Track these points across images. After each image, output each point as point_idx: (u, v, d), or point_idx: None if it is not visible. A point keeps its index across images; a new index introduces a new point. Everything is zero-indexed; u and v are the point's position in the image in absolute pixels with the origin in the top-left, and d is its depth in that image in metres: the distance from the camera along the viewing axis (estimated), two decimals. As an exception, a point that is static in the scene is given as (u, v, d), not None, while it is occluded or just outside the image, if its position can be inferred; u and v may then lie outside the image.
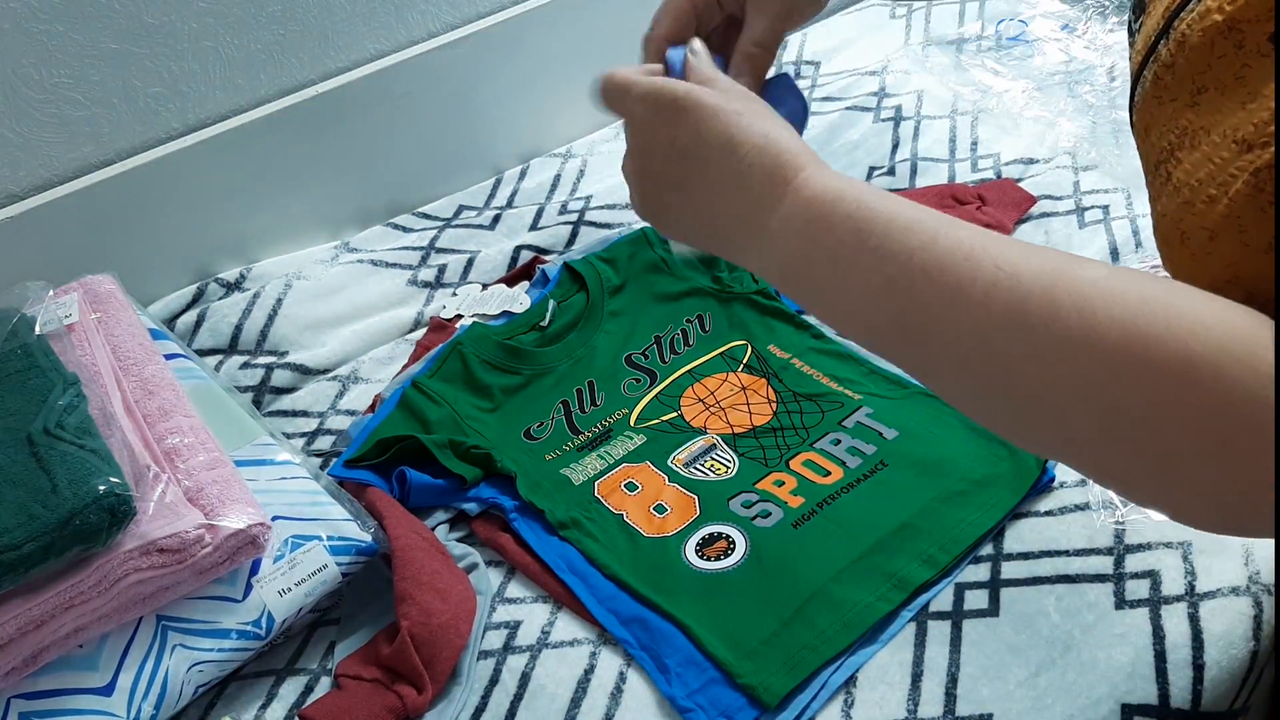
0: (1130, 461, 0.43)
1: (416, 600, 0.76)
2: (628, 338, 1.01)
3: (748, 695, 0.71)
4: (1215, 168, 0.44)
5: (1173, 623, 0.73)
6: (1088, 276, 0.43)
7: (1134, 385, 0.41)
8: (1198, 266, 0.45)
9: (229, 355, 1.05)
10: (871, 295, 0.48)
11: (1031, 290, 0.44)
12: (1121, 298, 0.42)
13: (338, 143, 1.15)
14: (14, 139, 1.00)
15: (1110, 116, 1.21)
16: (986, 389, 0.47)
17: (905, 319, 0.47)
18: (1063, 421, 0.44)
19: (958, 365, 0.47)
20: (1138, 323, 0.41)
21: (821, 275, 0.50)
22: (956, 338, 0.46)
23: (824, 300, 0.52)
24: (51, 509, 0.68)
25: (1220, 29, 0.44)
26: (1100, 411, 0.42)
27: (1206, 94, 0.45)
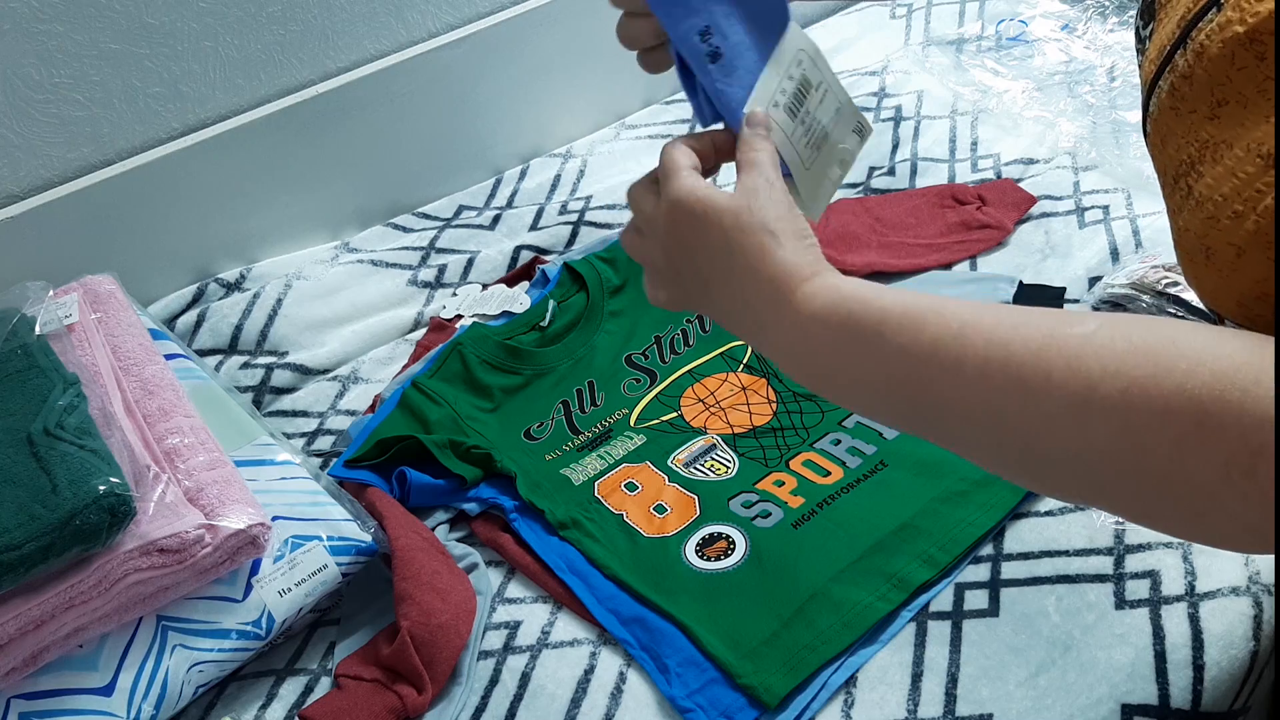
0: (1162, 506, 0.44)
1: (416, 600, 0.76)
2: (628, 338, 1.01)
3: (748, 695, 0.71)
4: (1240, 183, 0.43)
5: (1173, 623, 0.73)
6: (1076, 334, 0.44)
7: (1146, 434, 0.42)
8: (1225, 284, 0.45)
9: (229, 355, 1.05)
10: (879, 393, 0.51)
11: (1024, 358, 0.45)
12: (1110, 348, 0.43)
13: (338, 143, 1.15)
14: (14, 139, 1.00)
15: (1110, 117, 1.21)
16: (1009, 458, 0.48)
17: (915, 408, 0.50)
18: (1090, 479, 0.45)
19: (976, 442, 0.49)
20: (1131, 372, 0.42)
21: (832, 383, 0.54)
22: (967, 415, 0.48)
23: (843, 399, 0.55)
24: (51, 509, 0.68)
25: (1241, 40, 0.43)
26: (1123, 465, 0.43)
27: (1227, 106, 0.44)
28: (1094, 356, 0.43)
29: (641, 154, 1.27)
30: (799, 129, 0.62)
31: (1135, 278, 0.95)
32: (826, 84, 0.63)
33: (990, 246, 1.07)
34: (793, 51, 0.62)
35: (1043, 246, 1.06)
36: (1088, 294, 0.99)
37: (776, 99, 0.61)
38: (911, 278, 1.04)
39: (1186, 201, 0.47)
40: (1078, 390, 0.43)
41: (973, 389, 0.47)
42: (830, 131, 0.64)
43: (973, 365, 0.46)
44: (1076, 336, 0.44)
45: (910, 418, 0.51)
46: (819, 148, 0.63)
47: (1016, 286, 1.00)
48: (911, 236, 1.08)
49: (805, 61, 0.62)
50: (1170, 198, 0.49)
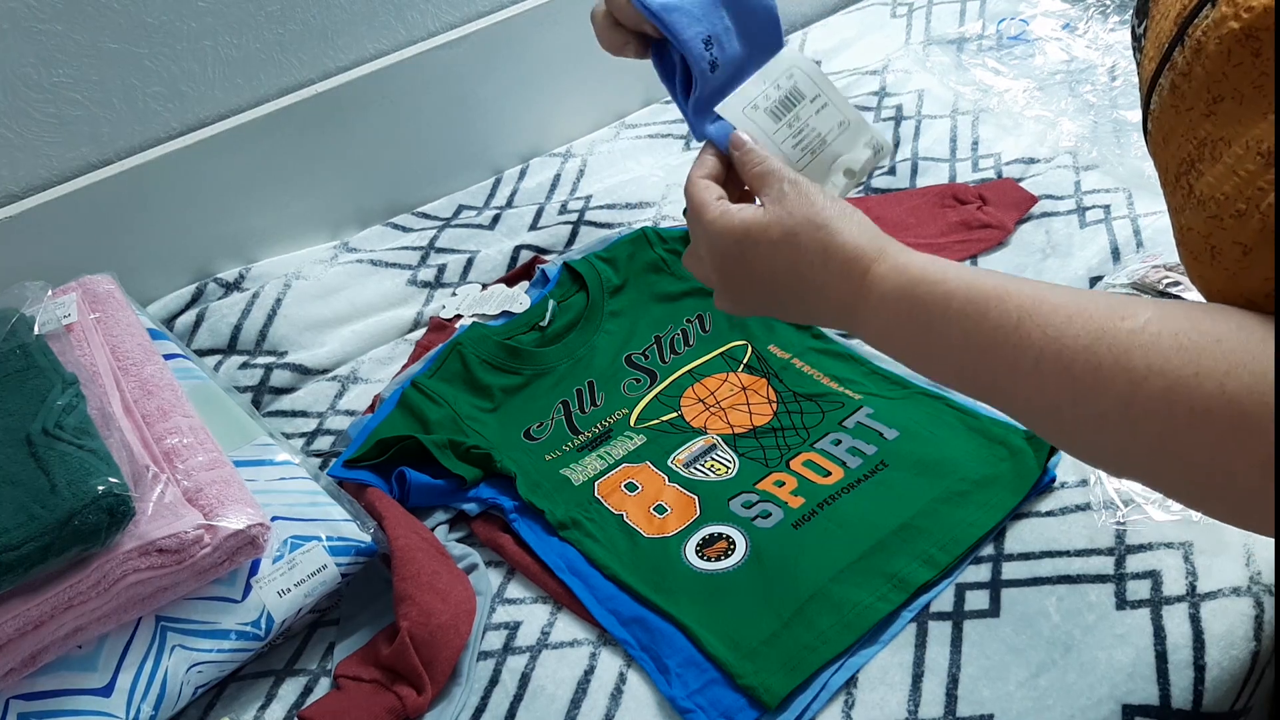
0: (1210, 500, 0.46)
1: (416, 600, 0.75)
2: (628, 338, 1.01)
3: (748, 696, 0.71)
4: (1241, 181, 0.43)
5: (1174, 623, 0.73)
6: (1125, 328, 0.46)
7: (1188, 433, 0.43)
8: (1233, 282, 0.45)
9: (228, 355, 1.05)
10: (952, 375, 0.54)
11: (1075, 352, 0.47)
12: (1156, 345, 0.44)
13: (338, 143, 1.15)
14: (14, 139, 0.99)
15: (1111, 116, 1.20)
16: (1069, 445, 0.52)
17: (985, 388, 0.53)
18: (1140, 470, 0.48)
19: (1040, 428, 0.52)
20: (1176, 371, 0.43)
21: (910, 355, 0.56)
22: (1028, 404, 0.50)
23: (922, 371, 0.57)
24: (50, 509, 0.68)
25: (1237, 36, 0.43)
26: (1169, 461, 0.45)
27: (1224, 103, 0.44)
28: (1140, 353, 0.45)
29: (641, 153, 1.27)
30: (785, 131, 0.64)
31: (1136, 277, 0.95)
32: (827, 98, 0.65)
33: (991, 246, 1.07)
34: (785, 65, 0.65)
35: (1044, 246, 1.06)
36: (1088, 294, 0.99)
37: (758, 102, 0.63)
38: (912, 277, 1.04)
39: (1188, 200, 0.47)
40: (1124, 388, 0.45)
41: (1030, 382, 0.49)
42: (830, 141, 0.65)
43: (1029, 359, 0.48)
44: (1125, 331, 0.46)
45: (984, 398, 0.54)
46: (814, 153, 0.65)
47: (1017, 286, 0.99)
48: (912, 236, 1.08)
49: (799, 75, 0.65)
50: (1172, 196, 0.49)
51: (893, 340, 0.56)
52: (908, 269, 0.54)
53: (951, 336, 0.52)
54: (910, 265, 0.55)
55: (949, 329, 0.52)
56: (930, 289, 0.53)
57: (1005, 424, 0.86)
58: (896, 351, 0.56)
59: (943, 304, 0.52)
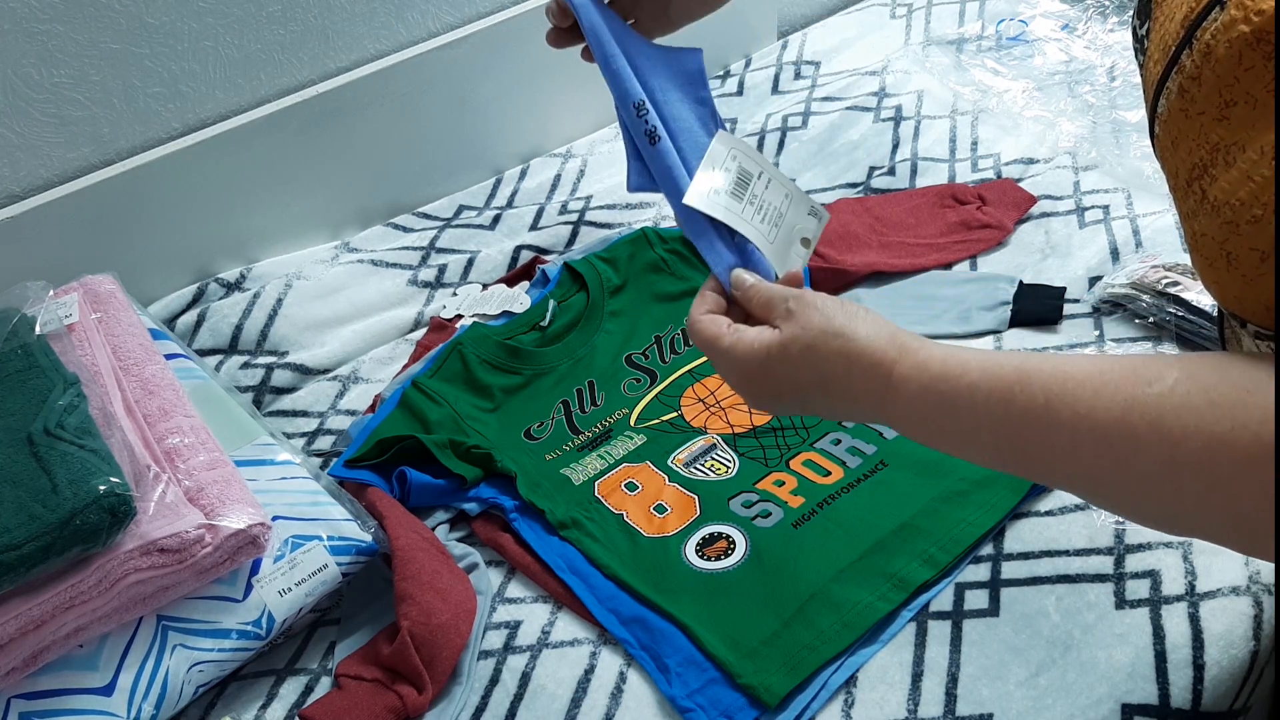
0: (1258, 541, 0.46)
1: (417, 600, 0.76)
2: (628, 338, 1.01)
3: (748, 695, 0.71)
4: (1256, 186, 0.43)
5: (1173, 623, 0.73)
6: (1154, 393, 0.46)
7: (1232, 484, 0.44)
8: (1250, 288, 0.45)
9: (229, 355, 1.05)
10: (988, 459, 0.55)
11: (1109, 427, 0.48)
12: (1189, 405, 0.45)
13: (338, 143, 1.15)
14: (14, 139, 1.00)
15: (1110, 116, 1.21)
16: (1114, 508, 0.54)
17: (1022, 469, 0.54)
18: (1191, 525, 0.49)
19: (1080, 492, 0.53)
20: (1212, 428, 0.44)
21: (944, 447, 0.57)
22: (1069, 478, 0.51)
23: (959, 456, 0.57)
24: (52, 509, 0.68)
25: (1248, 40, 0.43)
26: (1217, 513, 0.46)
27: (1236, 108, 0.44)
28: (1174, 416, 0.46)
29: (641, 154, 1.27)
30: (750, 209, 0.66)
31: (1135, 278, 0.95)
32: (768, 173, 0.67)
33: (990, 246, 1.07)
34: (726, 149, 0.67)
35: (1043, 246, 1.06)
36: (1088, 294, 0.99)
37: (718, 188, 0.66)
38: (911, 277, 1.04)
39: (1201, 205, 0.47)
40: (1164, 452, 0.46)
41: (1067, 459, 0.50)
42: (785, 212, 0.67)
43: (1063, 439, 0.49)
44: (1155, 396, 0.46)
45: (1024, 476, 0.55)
46: (777, 225, 0.67)
47: (1017, 286, 1.00)
48: (911, 236, 1.08)
49: (740, 156, 0.67)
50: (1183, 201, 0.49)
51: (926, 434, 0.57)
52: (928, 366, 0.55)
53: (982, 427, 0.53)
54: (930, 361, 0.55)
55: (978, 420, 0.53)
56: (954, 384, 0.54)
57: (1005, 424, 0.86)
58: (932, 443, 0.58)
59: (968, 397, 0.53)
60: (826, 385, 0.58)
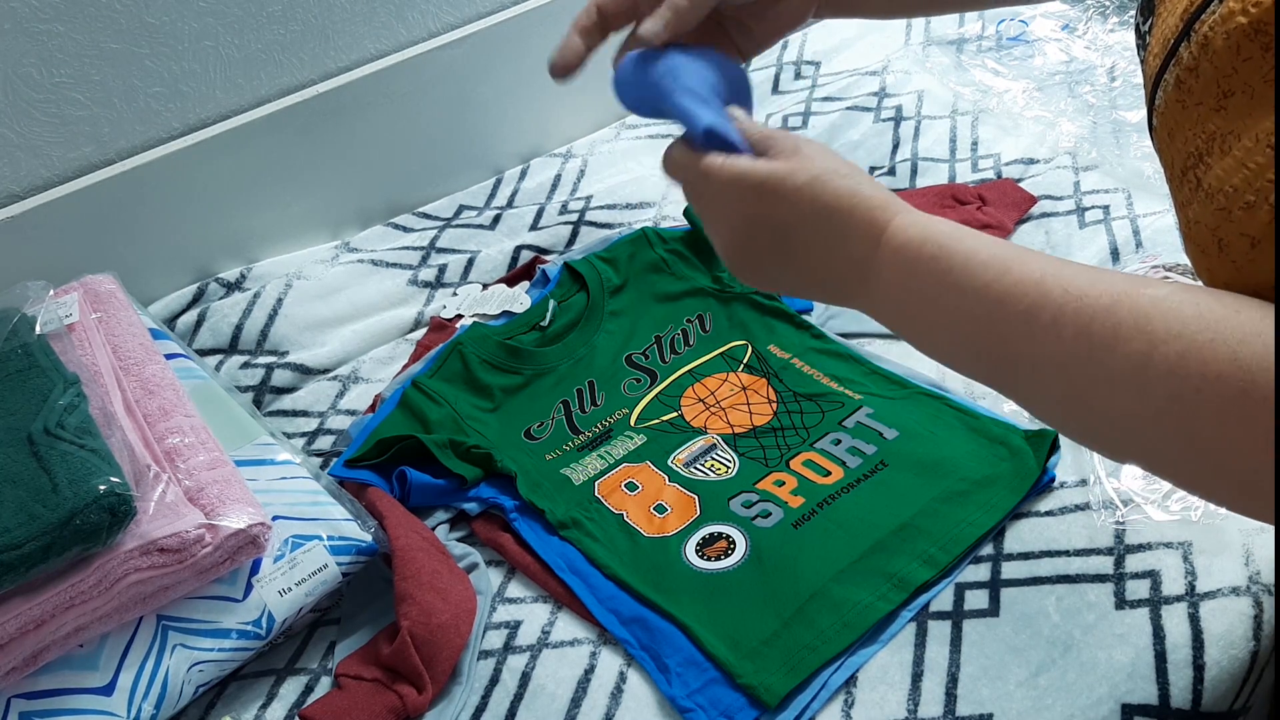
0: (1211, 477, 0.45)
1: (417, 600, 0.76)
2: (628, 338, 1.01)
3: (748, 695, 0.71)
4: (1250, 173, 0.43)
5: (1173, 623, 0.73)
6: (1149, 294, 0.46)
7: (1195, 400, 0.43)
8: (1240, 274, 0.45)
9: (229, 355, 1.05)
10: (959, 331, 0.52)
11: (1096, 311, 0.46)
12: (1177, 312, 0.44)
13: (338, 143, 1.15)
14: (14, 139, 1.00)
15: (1111, 116, 1.21)
16: (1070, 413, 0.50)
17: (990, 351, 0.51)
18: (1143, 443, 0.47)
19: (1042, 394, 0.50)
20: (1193, 336, 0.43)
21: (918, 316, 0.54)
22: (1035, 366, 0.49)
23: (924, 339, 0.55)
24: (52, 509, 0.68)
25: (1246, 31, 0.43)
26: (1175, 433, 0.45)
27: (1234, 98, 0.44)
28: (1161, 318, 0.45)
29: (642, 154, 1.27)
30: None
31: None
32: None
33: (990, 246, 1.07)
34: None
35: (1043, 246, 1.06)
36: (1088, 294, 0.99)
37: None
38: (912, 278, 1.04)
39: (1196, 194, 0.47)
40: (1140, 349, 0.45)
41: (1044, 339, 0.48)
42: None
43: (1047, 314, 0.48)
44: (1148, 297, 0.46)
45: (980, 365, 0.52)
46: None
47: (1017, 286, 1.00)
48: (912, 236, 1.08)
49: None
50: (1178, 191, 0.49)
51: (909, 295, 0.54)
52: (930, 223, 0.54)
53: (973, 290, 0.51)
54: (933, 221, 0.54)
55: (969, 280, 0.51)
56: (954, 242, 0.52)
57: (1005, 424, 0.86)
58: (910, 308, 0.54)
59: (964, 256, 0.52)
60: (825, 221, 0.55)
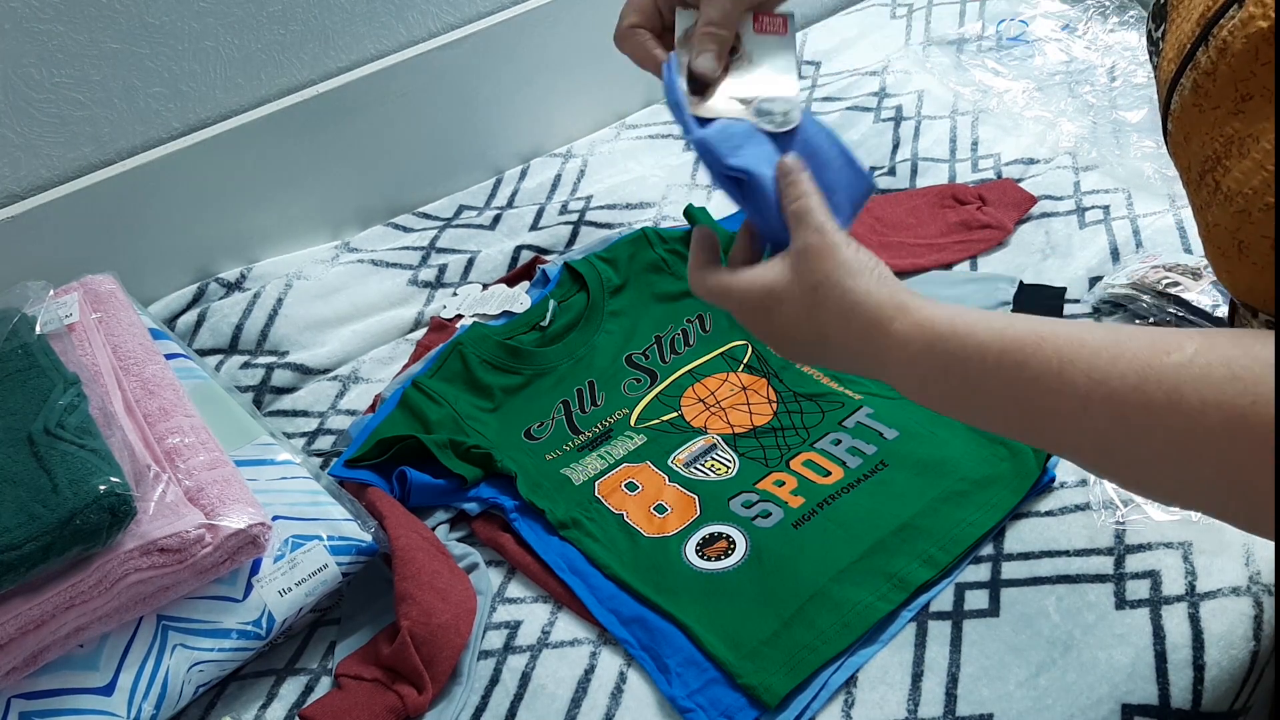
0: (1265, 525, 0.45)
1: (417, 600, 0.76)
2: (628, 338, 1.01)
3: (748, 695, 0.71)
4: (1269, 175, 0.43)
5: (1173, 623, 0.73)
6: (1173, 362, 0.45)
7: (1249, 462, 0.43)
8: (1261, 276, 0.45)
9: (229, 355, 1.05)
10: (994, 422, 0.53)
11: (1125, 396, 0.46)
12: (1208, 378, 0.43)
13: (338, 143, 1.15)
14: (15, 139, 1.00)
15: (1111, 117, 1.21)
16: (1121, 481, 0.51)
17: (1029, 436, 0.52)
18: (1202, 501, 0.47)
19: (1085, 463, 0.51)
20: (1233, 401, 0.43)
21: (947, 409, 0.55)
22: (1078, 448, 0.49)
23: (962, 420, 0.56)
24: (52, 509, 0.68)
25: (1265, 35, 0.43)
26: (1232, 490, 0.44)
27: (1252, 101, 0.45)
28: (1192, 387, 0.44)
29: (642, 154, 1.27)
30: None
31: (1136, 278, 0.95)
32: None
33: (990, 246, 1.07)
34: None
35: (1043, 246, 1.06)
36: (1088, 294, 0.99)
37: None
38: (912, 277, 1.04)
39: (1215, 197, 0.47)
40: (1180, 425, 0.44)
41: (1078, 427, 0.48)
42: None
43: (1075, 405, 0.48)
44: (1173, 365, 0.45)
45: (1031, 442, 0.53)
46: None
47: (1017, 286, 1.00)
48: (912, 236, 1.08)
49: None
50: (1196, 194, 0.49)
51: (929, 395, 0.55)
52: (934, 324, 0.53)
53: (991, 390, 0.51)
54: (936, 319, 0.53)
55: (987, 382, 0.51)
56: (961, 343, 0.52)
57: (1005, 424, 0.86)
58: (934, 405, 0.55)
59: (978, 358, 0.51)
60: (823, 336, 0.57)
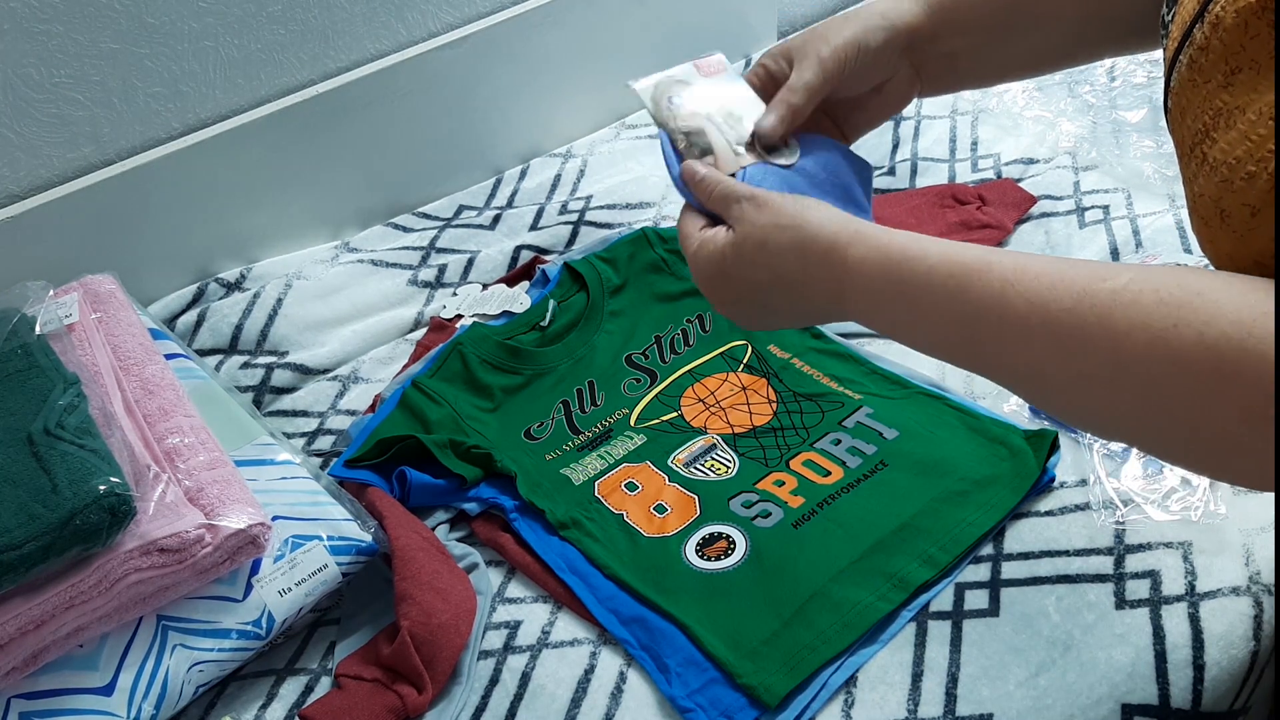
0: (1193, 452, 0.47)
1: (417, 600, 0.76)
2: (628, 337, 1.01)
3: (748, 695, 0.71)
4: (1253, 145, 0.44)
5: (1173, 623, 0.73)
6: (1109, 288, 0.47)
7: (1169, 384, 0.44)
8: (1241, 243, 0.46)
9: (229, 355, 1.05)
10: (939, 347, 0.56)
11: (1060, 317, 0.48)
12: (1138, 303, 0.46)
13: (338, 143, 1.15)
14: (14, 139, 1.00)
15: (1111, 116, 1.21)
16: (1056, 408, 0.53)
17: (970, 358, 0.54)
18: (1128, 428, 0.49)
19: (1026, 394, 0.53)
20: (1156, 324, 0.45)
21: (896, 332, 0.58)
22: (1014, 370, 0.51)
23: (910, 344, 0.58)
24: (52, 509, 0.68)
25: (1254, 9, 0.44)
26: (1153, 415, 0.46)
27: (1241, 74, 0.45)
28: (1122, 311, 0.46)
29: (642, 154, 1.27)
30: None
31: (1135, 277, 0.95)
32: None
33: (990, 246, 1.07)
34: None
35: (1043, 246, 1.06)
36: (1088, 294, 0.99)
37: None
38: (912, 277, 1.04)
39: (1201, 168, 0.48)
40: (1108, 346, 0.46)
41: (1015, 348, 0.50)
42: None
43: (1015, 327, 0.50)
44: (1108, 291, 0.47)
45: (971, 367, 0.55)
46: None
47: (1017, 286, 1.00)
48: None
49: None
50: (1186, 167, 0.50)
51: (880, 318, 0.57)
52: (888, 248, 0.55)
53: (937, 310, 0.53)
54: (891, 244, 0.55)
55: (935, 303, 0.53)
56: (912, 266, 0.54)
57: (1005, 424, 0.86)
58: (884, 328, 0.58)
59: (925, 279, 0.53)
60: (782, 280, 0.58)
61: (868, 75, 0.70)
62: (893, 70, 0.70)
